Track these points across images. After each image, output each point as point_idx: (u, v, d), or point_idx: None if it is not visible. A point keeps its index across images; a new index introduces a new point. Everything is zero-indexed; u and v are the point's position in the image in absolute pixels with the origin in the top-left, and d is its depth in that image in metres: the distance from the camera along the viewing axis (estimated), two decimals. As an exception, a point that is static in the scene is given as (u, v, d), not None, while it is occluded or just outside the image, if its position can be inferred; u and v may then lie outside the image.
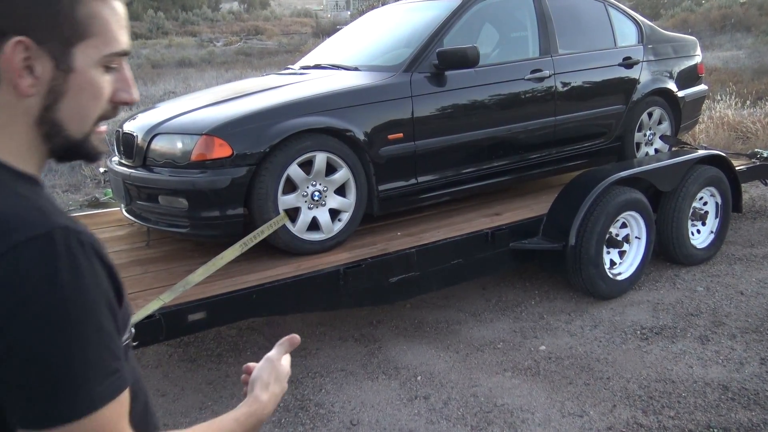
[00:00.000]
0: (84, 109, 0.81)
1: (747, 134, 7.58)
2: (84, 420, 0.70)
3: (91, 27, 0.79)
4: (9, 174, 0.77)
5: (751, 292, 3.87)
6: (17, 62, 0.74)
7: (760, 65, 13.45)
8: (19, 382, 0.68)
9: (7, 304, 0.67)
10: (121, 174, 3.32)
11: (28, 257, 0.68)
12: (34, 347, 0.68)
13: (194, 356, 3.43)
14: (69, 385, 0.69)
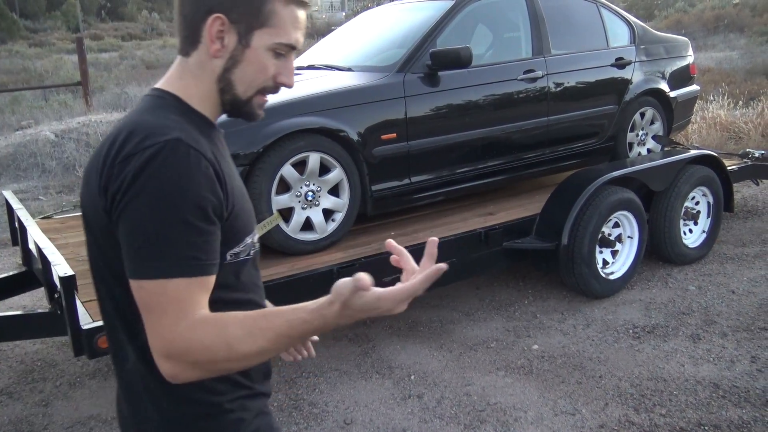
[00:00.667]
0: (250, 77, 1.07)
1: (739, 134, 7.63)
2: (153, 281, 0.92)
3: (271, 20, 1.04)
4: (181, 106, 1.05)
5: (743, 291, 3.90)
6: (214, 31, 1.03)
7: (752, 66, 13.53)
8: (124, 240, 0.95)
9: (131, 181, 0.93)
10: (114, 174, 3.32)
11: (152, 154, 0.93)
12: (135, 218, 0.93)
13: (188, 356, 3.43)
14: (150, 253, 0.93)
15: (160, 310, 0.93)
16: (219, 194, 0.98)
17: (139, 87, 13.09)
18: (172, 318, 0.92)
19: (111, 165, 0.96)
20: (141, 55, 25.21)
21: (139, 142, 0.95)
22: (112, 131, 1.03)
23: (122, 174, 0.94)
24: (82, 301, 2.69)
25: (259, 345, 0.94)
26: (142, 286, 0.94)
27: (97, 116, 9.01)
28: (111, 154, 0.97)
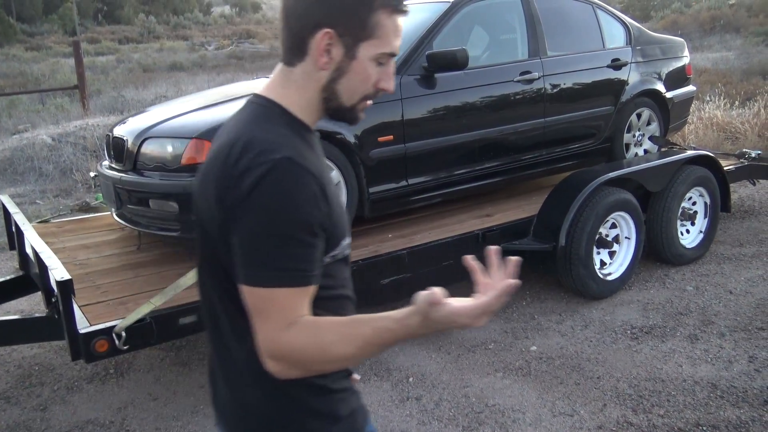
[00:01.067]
0: (355, 86, 1.11)
1: (736, 134, 7.64)
2: (263, 289, 1.01)
3: (376, 32, 1.08)
4: (285, 116, 1.10)
5: (740, 291, 3.91)
6: (322, 45, 1.07)
7: (748, 66, 13.56)
8: (237, 249, 1.02)
9: (246, 196, 1.00)
10: (111, 178, 3.32)
11: (264, 172, 0.99)
12: (248, 231, 1.01)
13: (186, 360, 3.43)
14: (260, 264, 1.01)
15: (266, 315, 1.02)
16: (323, 209, 1.05)
17: (136, 90, 13.09)
18: (277, 323, 1.02)
19: (228, 177, 1.03)
20: (138, 58, 25.19)
21: (254, 158, 1.01)
22: (224, 140, 1.08)
23: (238, 188, 1.01)
24: (80, 305, 2.69)
25: (348, 351, 1.02)
26: (252, 292, 1.03)
27: (94, 120, 9.00)
28: (228, 165, 1.04)
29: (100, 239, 3.72)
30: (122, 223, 3.39)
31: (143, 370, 3.34)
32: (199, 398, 3.05)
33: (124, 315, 2.57)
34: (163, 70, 20.89)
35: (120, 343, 2.50)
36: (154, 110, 3.71)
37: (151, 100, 11.15)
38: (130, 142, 3.25)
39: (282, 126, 1.08)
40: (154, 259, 3.35)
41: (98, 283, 3.01)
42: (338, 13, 1.07)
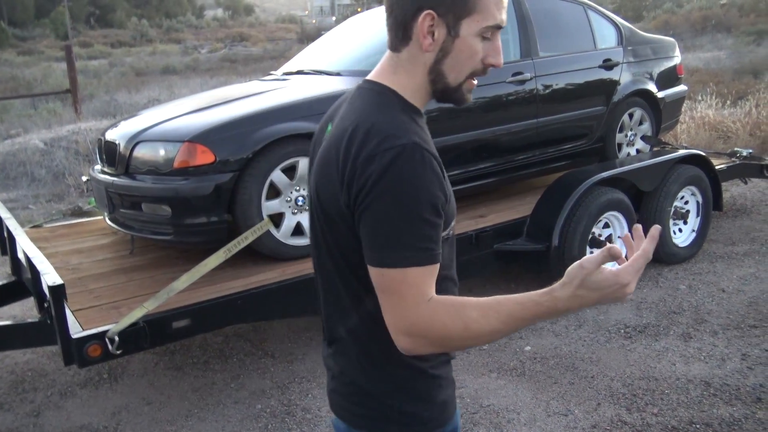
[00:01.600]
0: (461, 65, 1.12)
1: (728, 134, 7.68)
2: (395, 270, 1.03)
3: (476, 6, 1.08)
4: (399, 101, 1.12)
5: (732, 289, 3.92)
6: (425, 27, 1.09)
7: (740, 65, 13.64)
8: (366, 232, 1.05)
9: (375, 181, 1.01)
10: (103, 182, 3.31)
11: (393, 157, 1.01)
12: (379, 215, 1.02)
13: (180, 364, 3.42)
14: (392, 246, 1.03)
15: (399, 294, 1.04)
16: (444, 189, 1.08)
17: (128, 94, 13.05)
18: (411, 301, 1.04)
19: (353, 163, 1.04)
20: (131, 62, 25.15)
21: (379, 144, 1.03)
22: (343, 126, 1.10)
23: (365, 174, 1.02)
24: (72, 310, 2.68)
25: (492, 326, 1.04)
26: (383, 274, 1.05)
27: (87, 124, 8.98)
28: (351, 151, 1.05)
29: (93, 243, 3.71)
30: (115, 227, 3.38)
31: (137, 375, 3.33)
32: (194, 402, 3.04)
33: (117, 319, 2.56)
34: (155, 73, 20.86)
35: (113, 348, 2.49)
36: (146, 114, 3.71)
37: (144, 103, 11.12)
38: (123, 145, 3.24)
39: (399, 111, 1.11)
40: (147, 263, 3.34)
41: (91, 288, 3.00)
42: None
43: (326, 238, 1.15)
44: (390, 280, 1.04)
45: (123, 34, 41.56)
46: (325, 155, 1.12)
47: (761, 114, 8.04)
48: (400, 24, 1.12)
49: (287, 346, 3.54)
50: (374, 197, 1.02)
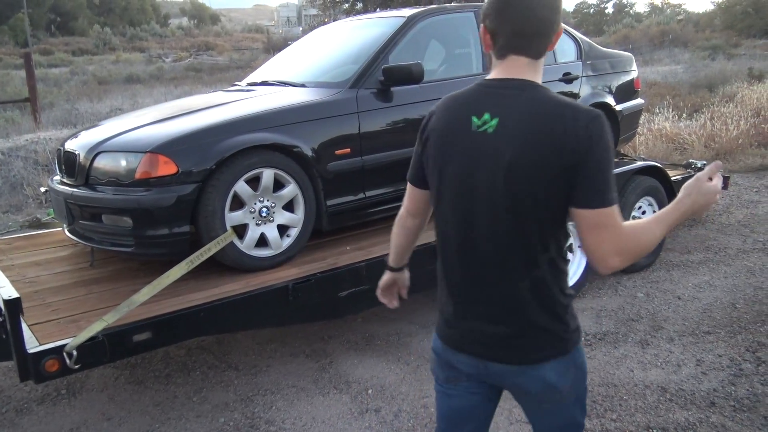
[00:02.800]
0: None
1: (684, 145, 7.93)
2: (611, 207, 1.37)
3: None
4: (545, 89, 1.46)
5: (688, 297, 4.04)
6: (556, 40, 1.48)
7: (696, 79, 14.08)
8: (588, 181, 1.36)
9: (596, 141, 1.36)
10: (62, 193, 3.25)
11: (602, 123, 1.38)
12: (604, 165, 1.36)
13: (141, 378, 3.36)
14: (610, 188, 1.37)
15: (614, 224, 1.37)
16: None
17: (90, 103, 12.82)
18: (621, 228, 1.37)
19: (575, 129, 1.36)
20: (93, 70, 24.69)
21: (587, 114, 1.37)
22: (536, 113, 1.40)
23: (587, 136, 1.35)
24: (29, 324, 2.62)
25: (658, 234, 1.40)
26: (600, 212, 1.37)
27: (47, 133, 8.78)
28: (569, 125, 1.36)
29: (52, 256, 3.63)
30: (74, 239, 3.32)
31: (96, 390, 3.27)
32: (155, 417, 2.99)
33: (76, 333, 2.51)
34: (119, 82, 20.53)
35: (71, 362, 2.44)
36: (107, 124, 3.66)
37: (106, 113, 10.94)
38: (83, 156, 3.19)
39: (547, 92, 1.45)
40: (107, 276, 3.29)
41: (49, 301, 2.94)
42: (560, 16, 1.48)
43: (525, 198, 1.41)
44: (607, 216, 1.36)
45: (85, 41, 40.82)
46: (528, 139, 1.39)
47: (715, 126, 8.32)
48: (546, 39, 1.45)
49: (251, 358, 3.51)
50: (596, 152, 1.35)
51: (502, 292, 1.49)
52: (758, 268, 4.46)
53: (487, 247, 1.47)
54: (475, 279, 1.52)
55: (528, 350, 1.50)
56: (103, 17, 53.79)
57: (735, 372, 3.13)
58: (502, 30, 1.45)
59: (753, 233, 5.22)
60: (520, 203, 1.41)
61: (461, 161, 1.48)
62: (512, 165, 1.40)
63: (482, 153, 1.44)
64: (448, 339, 1.62)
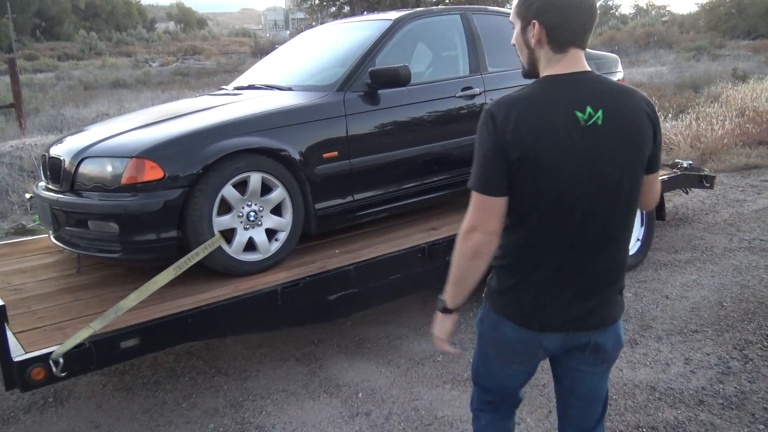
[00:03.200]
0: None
1: (670, 145, 7.99)
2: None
3: None
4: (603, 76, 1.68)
5: (676, 296, 4.07)
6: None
7: (681, 80, 14.21)
8: (659, 149, 1.67)
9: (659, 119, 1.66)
10: (48, 199, 3.22)
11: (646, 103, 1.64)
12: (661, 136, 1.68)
13: (130, 384, 3.33)
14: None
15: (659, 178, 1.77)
16: None
17: (76, 108, 12.73)
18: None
19: (650, 108, 1.63)
20: (79, 75, 24.52)
21: (640, 92, 1.65)
22: (627, 95, 1.61)
23: (654, 109, 1.64)
24: (14, 332, 2.59)
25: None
26: (659, 175, 1.77)
27: (32, 139, 8.70)
28: (649, 105, 1.63)
29: (37, 263, 3.60)
30: (60, 246, 3.29)
31: (84, 397, 3.24)
32: (144, 424, 2.97)
33: (62, 341, 2.49)
34: (105, 87, 20.41)
35: (57, 370, 2.41)
36: (92, 129, 3.63)
37: (93, 118, 10.86)
38: (68, 161, 3.16)
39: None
40: (94, 282, 3.26)
41: (34, 309, 2.91)
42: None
43: (632, 189, 1.61)
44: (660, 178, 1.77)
45: (71, 46, 40.54)
46: (636, 119, 1.58)
47: (701, 126, 8.40)
48: (590, 34, 1.63)
49: (241, 363, 3.50)
50: (659, 128, 1.66)
51: (608, 268, 1.67)
52: (744, 266, 4.50)
53: (605, 232, 1.62)
54: (584, 263, 1.64)
55: (612, 311, 1.72)
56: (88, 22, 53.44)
57: (723, 370, 3.16)
58: (569, 25, 1.56)
59: (739, 232, 5.27)
60: (634, 184, 1.62)
61: (578, 155, 1.53)
62: (628, 151, 1.58)
63: (600, 144, 1.54)
64: (541, 324, 1.70)
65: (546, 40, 1.56)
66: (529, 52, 1.63)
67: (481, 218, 1.61)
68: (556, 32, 1.55)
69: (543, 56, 1.59)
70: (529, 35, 1.60)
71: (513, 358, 1.81)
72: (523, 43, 1.63)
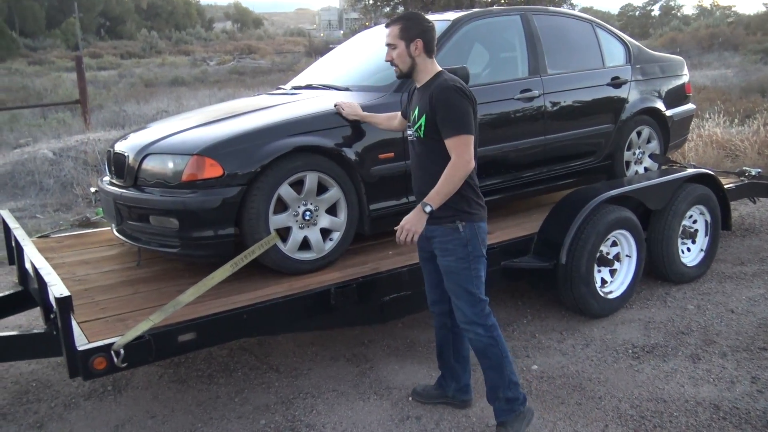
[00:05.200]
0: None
1: (736, 152, 7.66)
2: None
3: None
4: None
5: (742, 310, 3.89)
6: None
7: (747, 84, 13.63)
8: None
9: None
10: (112, 194, 3.32)
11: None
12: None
13: (184, 377, 3.40)
14: None
15: None
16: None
17: (137, 105, 13.14)
18: None
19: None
20: (140, 72, 25.32)
21: None
22: None
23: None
24: (78, 322, 2.68)
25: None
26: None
27: (95, 134, 9.03)
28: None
29: (100, 255, 3.71)
30: (122, 239, 3.38)
31: (141, 387, 3.32)
32: (197, 416, 3.02)
33: (123, 332, 2.56)
34: (164, 84, 21.00)
35: (118, 361, 2.48)
36: (155, 126, 3.72)
37: (153, 114, 11.19)
38: (131, 157, 3.25)
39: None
40: (153, 276, 3.34)
41: (97, 300, 3.00)
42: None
43: None
44: None
45: (133, 45, 41.92)
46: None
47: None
48: None
49: (292, 360, 3.52)
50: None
51: None
52: (817, 281, 4.26)
53: None
54: None
55: None
56: (150, 21, 55.14)
57: (793, 390, 2.99)
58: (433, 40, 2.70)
59: (810, 245, 5.00)
60: None
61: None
62: None
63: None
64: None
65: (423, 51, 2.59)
66: (411, 60, 2.60)
67: (472, 152, 2.53)
68: (429, 45, 2.60)
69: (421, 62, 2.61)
70: (412, 49, 2.58)
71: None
72: (406, 54, 2.59)
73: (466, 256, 2.60)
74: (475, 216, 2.61)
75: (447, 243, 2.61)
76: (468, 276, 2.62)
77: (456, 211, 2.58)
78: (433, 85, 2.56)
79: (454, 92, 2.50)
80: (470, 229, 2.59)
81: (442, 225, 2.61)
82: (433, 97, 2.51)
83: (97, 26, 50.50)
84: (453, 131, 2.48)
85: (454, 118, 2.48)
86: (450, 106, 2.49)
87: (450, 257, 2.62)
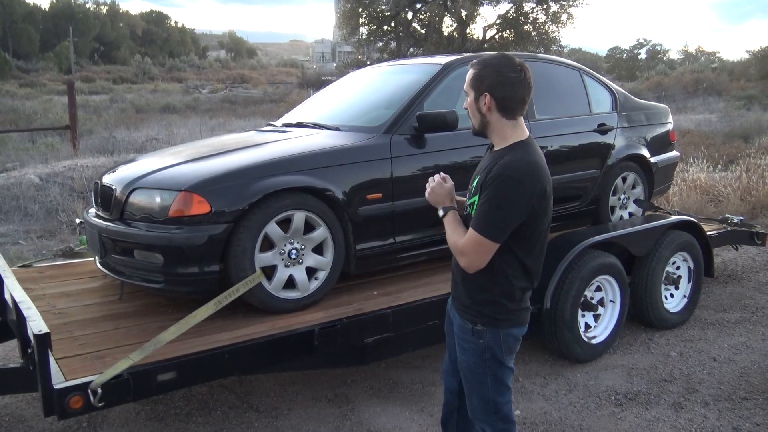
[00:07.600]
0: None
1: (719, 197, 7.78)
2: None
3: None
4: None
5: (724, 359, 3.90)
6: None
7: (730, 129, 13.92)
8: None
9: None
10: (97, 226, 3.30)
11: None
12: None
13: (162, 414, 3.34)
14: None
15: None
16: None
17: (127, 131, 13.16)
18: None
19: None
20: (131, 98, 25.37)
21: None
22: None
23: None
24: (56, 358, 2.63)
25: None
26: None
27: (84, 160, 9.01)
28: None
29: (82, 287, 3.67)
30: (105, 272, 3.35)
31: (117, 425, 3.25)
32: (174, 457, 2.96)
33: (101, 370, 2.51)
34: (155, 111, 21.07)
35: (95, 400, 2.43)
36: (144, 159, 3.72)
37: (142, 141, 11.20)
38: (119, 191, 3.24)
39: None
40: (135, 310, 3.30)
41: (76, 335, 2.95)
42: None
43: None
44: None
45: (126, 70, 42.11)
46: None
47: (752, 179, 8.17)
48: None
49: (272, 399, 3.47)
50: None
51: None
52: (798, 331, 4.30)
53: None
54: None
55: None
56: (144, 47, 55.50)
57: (774, 443, 2.99)
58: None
59: (791, 293, 5.06)
60: None
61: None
62: None
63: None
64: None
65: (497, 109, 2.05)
66: (481, 117, 2.09)
67: (484, 259, 2.09)
68: (505, 104, 2.04)
69: (495, 121, 2.07)
70: (481, 103, 2.06)
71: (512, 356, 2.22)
72: (475, 109, 2.09)
73: (483, 362, 2.14)
74: (503, 323, 2.10)
75: (463, 342, 2.18)
76: (484, 382, 2.17)
77: (478, 313, 2.12)
78: (500, 162, 2.01)
79: (508, 184, 1.96)
80: (493, 336, 2.11)
81: (461, 317, 2.18)
82: (488, 177, 2.01)
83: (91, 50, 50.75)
84: (478, 225, 2.00)
85: (489, 211, 1.98)
86: (492, 198, 1.98)
87: (465, 356, 2.19)
